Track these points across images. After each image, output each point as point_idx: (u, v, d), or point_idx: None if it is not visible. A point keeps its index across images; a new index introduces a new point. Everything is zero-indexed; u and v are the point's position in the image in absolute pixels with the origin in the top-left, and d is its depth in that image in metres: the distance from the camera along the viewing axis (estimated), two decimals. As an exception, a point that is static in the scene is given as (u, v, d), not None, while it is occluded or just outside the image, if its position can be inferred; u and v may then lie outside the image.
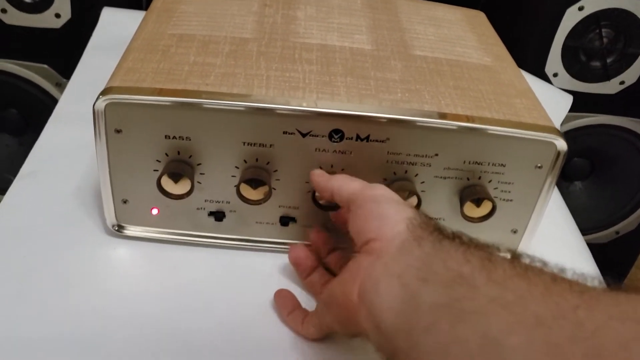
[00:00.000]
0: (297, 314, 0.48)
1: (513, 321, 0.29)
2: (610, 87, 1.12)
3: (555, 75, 1.10)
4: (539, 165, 0.50)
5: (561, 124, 0.93)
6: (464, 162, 0.50)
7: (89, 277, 0.51)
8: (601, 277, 0.33)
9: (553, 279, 0.30)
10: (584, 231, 0.68)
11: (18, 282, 0.50)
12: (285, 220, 0.54)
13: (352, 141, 0.49)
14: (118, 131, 0.48)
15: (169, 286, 0.51)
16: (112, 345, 0.46)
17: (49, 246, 0.53)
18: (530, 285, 0.30)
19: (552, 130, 0.49)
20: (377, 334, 0.36)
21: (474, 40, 0.63)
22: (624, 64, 1.10)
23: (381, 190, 0.44)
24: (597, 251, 0.65)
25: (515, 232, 0.54)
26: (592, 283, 0.30)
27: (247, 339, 0.48)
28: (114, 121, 0.47)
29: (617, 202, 1.28)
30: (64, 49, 1.04)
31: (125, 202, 0.52)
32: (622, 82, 1.11)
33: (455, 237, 0.37)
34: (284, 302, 0.49)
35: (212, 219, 0.53)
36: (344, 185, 0.46)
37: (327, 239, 0.52)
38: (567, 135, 0.49)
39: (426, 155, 0.49)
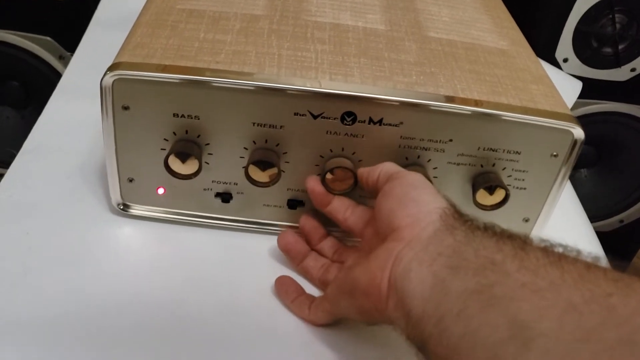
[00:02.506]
0: (302, 300, 0.47)
1: (544, 306, 0.28)
2: (621, 74, 1.10)
3: (565, 60, 1.08)
4: (554, 153, 0.49)
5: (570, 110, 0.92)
6: (479, 148, 0.49)
7: (92, 255, 0.50)
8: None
9: (587, 267, 0.30)
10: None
11: (20, 259, 0.49)
12: (293, 204, 0.53)
13: (364, 124, 0.48)
14: (125, 108, 0.47)
15: (173, 267, 0.51)
16: (114, 324, 0.45)
17: (53, 223, 0.52)
18: (563, 272, 0.30)
19: (569, 118, 0.48)
20: (407, 323, 0.36)
21: (489, 23, 0.61)
22: (636, 51, 1.08)
23: (420, 177, 0.44)
24: (601, 239, 0.65)
25: (527, 220, 0.53)
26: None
27: (251, 321, 0.47)
28: (122, 97, 0.46)
29: (623, 191, 1.28)
30: (68, 22, 1.03)
31: (131, 180, 0.51)
32: (633, 69, 1.10)
33: (488, 228, 0.36)
34: (286, 290, 0.49)
35: (218, 200, 0.53)
36: (392, 167, 0.46)
37: (317, 225, 0.52)
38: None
39: (440, 141, 0.48)
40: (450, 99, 0.47)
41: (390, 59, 0.51)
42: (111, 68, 0.45)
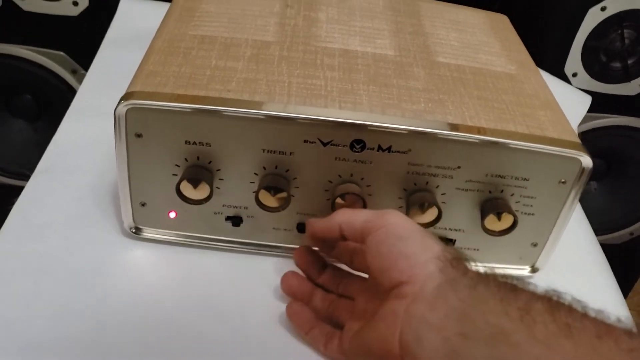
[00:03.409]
0: (317, 333, 0.47)
1: None
2: (630, 88, 1.10)
3: (574, 75, 1.08)
4: (562, 180, 0.49)
5: (579, 125, 0.92)
6: (487, 175, 0.49)
7: (104, 278, 0.51)
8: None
9: (598, 336, 0.29)
10: (597, 232, 0.67)
11: (33, 281, 0.50)
12: (302, 227, 0.53)
13: (373, 151, 0.48)
14: (138, 135, 0.47)
15: (184, 289, 0.51)
16: (125, 346, 0.46)
17: (66, 246, 0.53)
18: (575, 345, 0.29)
19: (577, 146, 0.48)
20: None
21: (498, 46, 0.62)
22: (645, 66, 1.08)
23: (400, 220, 0.41)
24: (610, 252, 0.65)
25: (535, 245, 0.54)
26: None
27: (261, 343, 0.48)
28: (135, 126, 0.47)
29: (632, 204, 1.27)
30: (81, 37, 1.04)
31: (143, 204, 0.52)
32: (642, 84, 1.10)
33: (489, 277, 0.36)
34: (299, 320, 0.48)
35: (229, 223, 0.53)
36: (352, 216, 0.44)
37: (313, 260, 0.51)
38: (584, 136, 0.49)
39: (448, 167, 0.49)
40: (457, 127, 0.48)
41: (399, 86, 0.52)
42: (125, 97, 0.46)
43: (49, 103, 1.15)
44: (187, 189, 0.49)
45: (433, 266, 0.38)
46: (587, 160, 0.48)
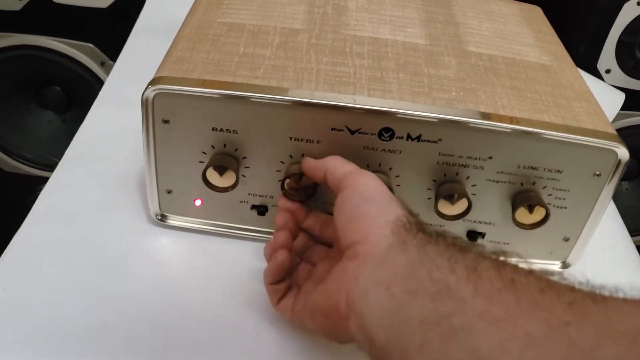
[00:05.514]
0: (288, 301, 0.45)
1: (503, 339, 0.28)
2: (666, 86, 1.08)
3: (607, 71, 1.06)
4: (597, 173, 0.48)
5: (612, 122, 0.90)
6: (519, 166, 0.48)
7: (130, 265, 0.51)
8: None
9: (540, 290, 0.29)
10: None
11: (59, 267, 0.50)
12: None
13: (402, 140, 0.47)
14: (166, 121, 0.47)
15: (209, 277, 0.51)
16: (149, 332, 0.46)
17: (92, 232, 0.53)
18: (518, 298, 0.29)
19: (613, 137, 0.47)
20: (371, 348, 0.35)
21: (531, 37, 0.60)
22: (682, 63, 1.05)
23: (372, 182, 0.42)
24: (640, 254, 0.63)
25: (567, 240, 0.52)
26: (580, 286, 0.30)
27: (286, 333, 0.47)
28: (162, 111, 0.47)
29: (665, 205, 1.24)
30: (110, 29, 1.04)
31: (169, 192, 0.52)
32: (678, 82, 1.07)
33: (439, 238, 0.36)
34: (274, 289, 0.46)
35: (254, 212, 0.53)
36: (338, 166, 0.44)
37: (291, 227, 0.49)
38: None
39: (479, 158, 0.48)
40: (490, 117, 0.46)
41: (430, 75, 0.51)
42: (152, 82, 0.46)
43: (78, 95, 1.16)
44: (213, 176, 0.49)
45: (387, 229, 0.38)
46: (623, 152, 0.46)
